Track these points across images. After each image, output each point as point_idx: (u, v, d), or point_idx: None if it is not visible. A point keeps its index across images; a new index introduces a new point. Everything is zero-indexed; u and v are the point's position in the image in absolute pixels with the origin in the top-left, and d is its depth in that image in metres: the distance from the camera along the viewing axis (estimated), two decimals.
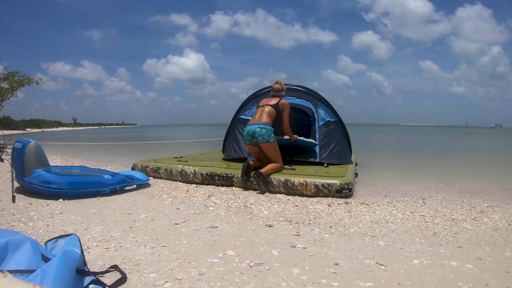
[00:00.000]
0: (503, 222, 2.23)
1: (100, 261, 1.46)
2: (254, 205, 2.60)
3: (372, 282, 1.31)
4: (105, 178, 2.94)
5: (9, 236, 1.12)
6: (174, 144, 12.25)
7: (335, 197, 2.89)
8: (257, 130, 3.30)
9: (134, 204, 2.59)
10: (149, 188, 3.24)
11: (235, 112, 4.57)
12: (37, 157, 2.72)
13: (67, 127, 75.99)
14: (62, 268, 1.01)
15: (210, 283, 1.27)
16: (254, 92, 4.48)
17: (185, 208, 2.48)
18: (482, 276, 1.37)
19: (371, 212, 2.43)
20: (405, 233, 1.97)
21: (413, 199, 3.01)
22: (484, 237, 1.91)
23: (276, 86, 3.58)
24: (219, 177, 3.39)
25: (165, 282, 1.27)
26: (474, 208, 2.66)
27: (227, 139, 4.61)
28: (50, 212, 2.27)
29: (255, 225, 2.08)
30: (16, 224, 1.99)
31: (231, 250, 1.61)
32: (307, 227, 2.07)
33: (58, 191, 2.67)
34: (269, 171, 3.18)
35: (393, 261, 1.53)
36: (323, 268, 1.43)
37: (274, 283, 1.29)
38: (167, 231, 1.91)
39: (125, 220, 2.12)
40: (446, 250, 1.68)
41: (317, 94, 4.32)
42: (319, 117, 4.06)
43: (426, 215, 2.37)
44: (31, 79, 13.05)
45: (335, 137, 4.05)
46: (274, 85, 3.61)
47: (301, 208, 2.55)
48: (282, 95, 3.59)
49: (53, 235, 1.75)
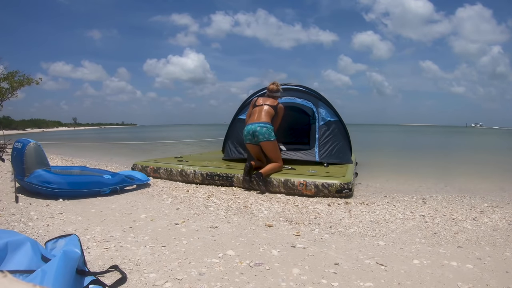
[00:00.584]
0: (503, 222, 2.23)
1: (100, 261, 1.46)
2: (254, 205, 2.60)
3: (372, 282, 1.31)
4: (105, 178, 2.94)
5: (9, 236, 1.12)
6: (174, 144, 12.25)
7: (335, 197, 2.89)
8: (258, 129, 3.30)
9: (134, 204, 2.59)
10: (149, 188, 3.24)
11: (235, 113, 4.57)
12: (37, 157, 2.72)
13: (67, 127, 75.99)
14: (62, 268, 1.01)
15: (210, 283, 1.27)
16: (254, 92, 4.47)
17: (185, 208, 2.48)
18: (482, 276, 1.37)
19: (371, 212, 2.43)
20: (405, 233, 1.97)
21: (413, 199, 3.01)
22: (484, 237, 1.91)
23: (272, 87, 3.58)
24: (219, 177, 3.39)
25: (165, 282, 1.27)
26: (474, 208, 2.66)
27: (227, 139, 4.61)
28: (50, 212, 2.27)
29: (255, 225, 2.08)
30: (16, 224, 1.99)
31: (231, 250, 1.61)
32: (307, 227, 2.07)
33: (58, 191, 2.67)
34: (269, 171, 3.18)
35: (393, 261, 1.53)
36: (323, 268, 1.43)
37: (274, 283, 1.29)
38: (167, 231, 1.91)
39: (125, 220, 2.12)
40: (446, 250, 1.68)
41: (317, 93, 4.32)
42: (320, 116, 4.06)
43: (426, 215, 2.37)
44: (31, 79, 13.05)
45: (335, 137, 4.05)
46: (270, 86, 3.60)
47: (301, 208, 2.55)
48: (278, 96, 3.61)
49: (53, 235, 1.75)
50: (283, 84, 4.33)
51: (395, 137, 22.18)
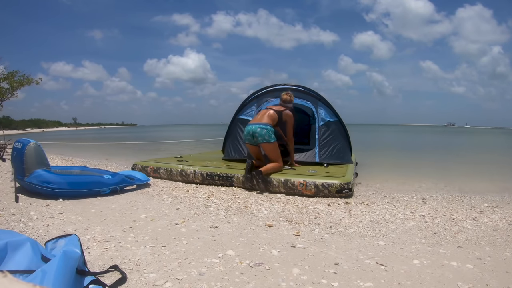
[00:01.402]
0: (503, 222, 2.23)
1: (100, 261, 1.46)
2: (254, 205, 2.60)
3: (372, 282, 1.31)
4: (105, 178, 2.94)
5: (9, 236, 1.12)
6: (174, 144, 12.25)
7: (335, 197, 2.89)
8: (257, 130, 3.32)
9: (134, 204, 2.59)
10: (149, 188, 3.24)
11: (235, 112, 4.57)
12: (37, 157, 2.72)
13: (67, 127, 75.94)
14: (62, 268, 1.01)
15: (210, 283, 1.27)
16: (253, 92, 4.47)
17: (185, 208, 2.48)
18: (482, 276, 1.37)
19: (371, 212, 2.43)
20: (405, 233, 1.97)
21: (413, 199, 3.01)
22: (484, 237, 1.91)
23: (285, 97, 3.61)
24: (219, 177, 3.39)
25: (165, 282, 1.27)
26: (474, 208, 2.66)
27: (227, 139, 4.61)
28: (50, 212, 2.27)
29: (255, 225, 2.08)
30: (16, 224, 1.99)
31: (231, 250, 1.61)
32: (307, 227, 2.06)
33: (58, 191, 2.67)
34: (269, 170, 3.18)
35: (393, 261, 1.53)
36: (323, 268, 1.43)
37: (274, 283, 1.29)
38: (167, 231, 1.91)
39: (125, 220, 2.12)
40: (446, 250, 1.68)
41: (317, 94, 4.32)
42: (319, 117, 4.06)
43: (426, 215, 2.37)
44: (31, 79, 13.04)
45: (335, 137, 4.05)
46: (283, 96, 3.63)
47: (301, 208, 2.55)
48: (289, 107, 3.62)
49: (53, 235, 1.75)
50: (283, 84, 4.33)
51: (395, 137, 22.18)
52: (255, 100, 4.31)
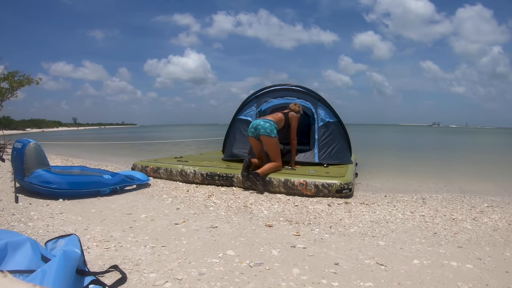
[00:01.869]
0: (503, 222, 2.23)
1: (100, 261, 1.46)
2: (254, 205, 2.60)
3: (372, 282, 1.31)
4: (105, 178, 2.94)
5: (9, 236, 1.12)
6: (174, 144, 12.25)
7: (335, 197, 2.89)
8: (261, 123, 3.39)
9: (134, 204, 2.59)
10: (149, 188, 3.24)
11: (235, 113, 4.56)
12: (37, 157, 2.72)
13: (67, 127, 75.91)
14: (62, 268, 1.01)
15: (210, 283, 1.27)
16: (253, 92, 4.47)
17: (185, 208, 2.48)
18: (482, 276, 1.37)
19: (371, 212, 2.43)
20: (405, 233, 1.97)
21: (413, 199, 3.01)
22: (484, 237, 1.91)
23: (294, 107, 3.76)
24: (219, 177, 3.39)
25: (165, 282, 1.27)
26: (474, 208, 2.66)
27: (227, 139, 4.61)
28: (50, 212, 2.27)
29: (255, 225, 2.08)
30: (16, 224, 1.99)
31: (231, 250, 1.61)
32: (307, 227, 2.06)
33: (58, 191, 2.67)
34: (267, 171, 3.18)
35: (393, 261, 1.53)
36: (323, 268, 1.43)
37: (274, 283, 1.29)
38: (167, 231, 1.91)
39: (125, 220, 2.12)
40: (446, 250, 1.68)
41: (316, 94, 4.31)
42: (319, 117, 4.06)
43: (426, 215, 2.37)
44: (31, 79, 13.03)
45: (335, 138, 4.05)
46: (291, 106, 3.78)
47: (301, 208, 2.55)
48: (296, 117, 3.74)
49: (53, 235, 1.75)
50: (283, 84, 4.33)
51: (395, 137, 22.18)
52: (255, 100, 4.32)
